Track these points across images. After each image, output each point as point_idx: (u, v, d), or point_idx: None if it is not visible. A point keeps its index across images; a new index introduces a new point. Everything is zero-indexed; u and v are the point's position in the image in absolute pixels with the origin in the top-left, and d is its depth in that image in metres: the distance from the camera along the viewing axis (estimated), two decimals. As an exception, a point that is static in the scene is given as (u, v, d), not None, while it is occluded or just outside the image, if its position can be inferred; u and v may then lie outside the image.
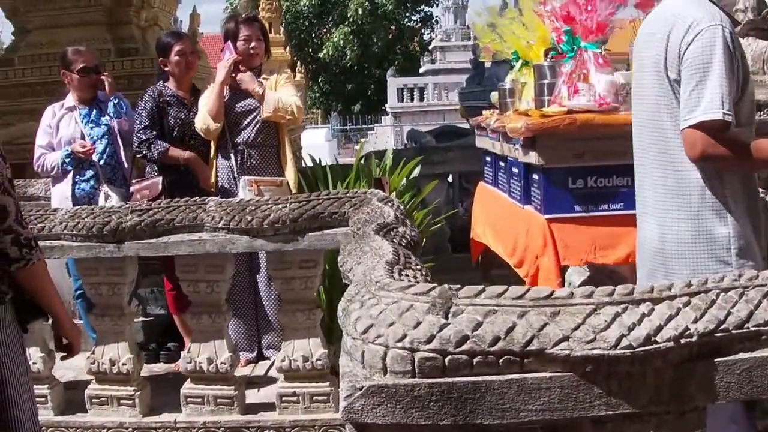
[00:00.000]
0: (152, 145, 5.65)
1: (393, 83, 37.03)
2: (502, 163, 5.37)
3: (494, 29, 5.82)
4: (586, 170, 4.43)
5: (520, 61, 5.60)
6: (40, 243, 4.04)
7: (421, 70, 41.79)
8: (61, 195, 5.88)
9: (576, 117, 4.30)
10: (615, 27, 4.76)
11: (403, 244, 2.82)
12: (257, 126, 5.60)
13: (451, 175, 9.24)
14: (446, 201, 9.05)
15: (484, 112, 5.99)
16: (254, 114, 5.61)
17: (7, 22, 11.10)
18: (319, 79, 47.33)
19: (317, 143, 24.26)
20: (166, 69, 5.95)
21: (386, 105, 37.54)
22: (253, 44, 5.71)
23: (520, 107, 5.28)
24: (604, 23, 4.56)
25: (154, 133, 5.69)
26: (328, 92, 48.39)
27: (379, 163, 6.46)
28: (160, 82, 6.02)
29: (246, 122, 5.63)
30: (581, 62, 4.53)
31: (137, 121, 5.76)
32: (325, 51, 44.48)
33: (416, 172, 6.46)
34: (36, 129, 6.56)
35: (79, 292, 5.68)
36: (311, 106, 45.22)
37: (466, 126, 18.69)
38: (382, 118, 38.16)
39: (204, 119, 5.53)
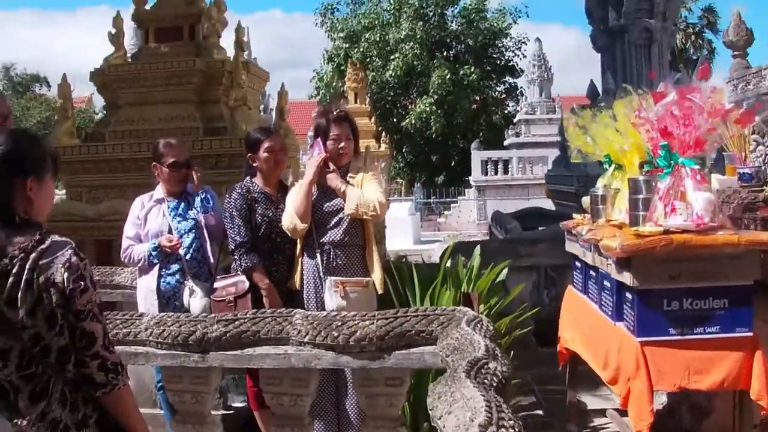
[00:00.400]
0: (244, 256, 5.65)
1: (477, 156, 37.03)
2: (593, 273, 5.27)
3: (586, 132, 5.75)
4: (681, 292, 4.32)
5: (613, 166, 5.52)
6: (125, 348, 4.07)
7: (505, 143, 41.69)
8: (146, 288, 5.92)
9: (672, 238, 4.20)
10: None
11: (494, 383, 2.75)
12: (344, 226, 5.56)
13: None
14: (532, 289, 8.96)
15: (575, 215, 5.89)
16: (341, 213, 5.57)
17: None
18: (404, 149, 47.56)
19: (401, 217, 24.35)
20: (255, 165, 5.97)
21: (470, 177, 37.50)
22: (342, 144, 5.69)
23: (612, 216, 5.19)
24: (703, 139, 4.47)
25: (249, 236, 5.71)
26: (412, 163, 48.55)
27: (466, 262, 6.38)
28: (248, 178, 6.03)
29: (333, 222, 5.59)
30: (678, 179, 4.43)
31: (228, 220, 5.78)
32: (408, 120, 44.76)
33: (504, 274, 6.38)
34: (125, 206, 6.63)
35: (160, 384, 5.67)
36: (395, 177, 45.37)
37: (552, 207, 18.62)
38: (466, 190, 38.11)
39: (291, 218, 5.52)
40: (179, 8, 10.87)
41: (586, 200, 5.76)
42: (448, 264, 6.21)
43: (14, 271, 2.71)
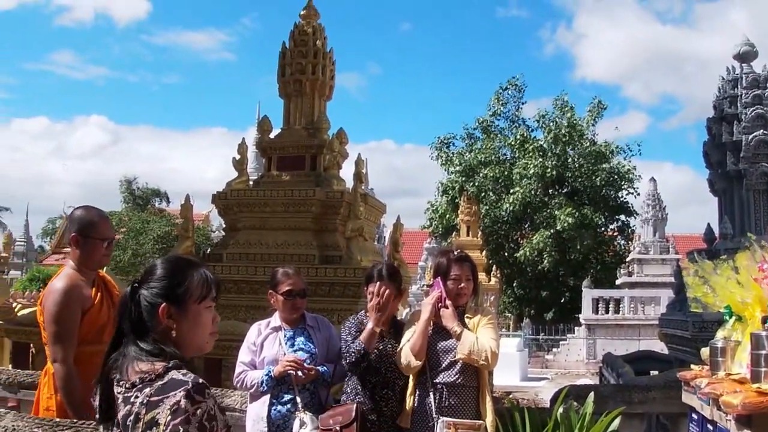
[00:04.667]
0: (350, 348, 5.71)
1: (588, 294, 36.56)
2: (710, 427, 5.11)
3: (706, 282, 5.66)
4: (804, 453, 4.17)
5: (733, 318, 5.41)
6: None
7: (617, 282, 41.08)
8: (256, 414, 5.92)
9: (796, 397, 4.09)
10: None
11: None
12: (458, 367, 5.56)
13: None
14: (642, 436, 8.71)
15: (693, 367, 5.76)
16: (455, 353, 5.58)
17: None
18: (514, 284, 47.33)
19: (509, 353, 24.09)
20: (368, 299, 6.01)
21: (580, 315, 36.99)
22: (462, 284, 5.73)
23: (732, 369, 5.06)
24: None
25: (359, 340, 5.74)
26: (522, 297, 48.24)
27: (578, 408, 6.27)
28: (362, 311, 6.09)
29: (447, 362, 5.59)
30: (800, 336, 4.33)
31: (343, 344, 5.82)
32: (522, 252, 44.62)
33: (616, 423, 6.24)
34: (237, 327, 6.71)
35: None
36: (503, 311, 45.06)
37: (664, 350, 18.20)
38: (575, 328, 37.54)
39: (406, 356, 5.55)
40: (302, 139, 11.22)
41: (705, 351, 5.63)
42: (560, 409, 6.10)
43: (131, 399, 2.75)
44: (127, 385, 2.79)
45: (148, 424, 2.66)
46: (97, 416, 2.91)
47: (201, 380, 2.75)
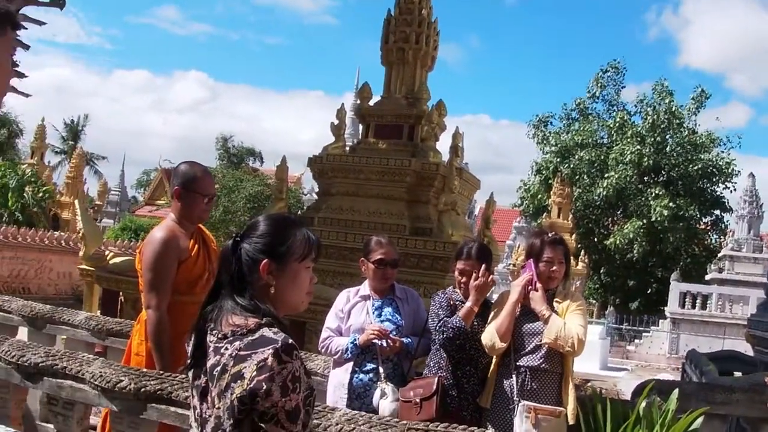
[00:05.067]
0: (447, 324, 5.67)
1: (676, 287, 35.87)
2: (799, 435, 5.01)
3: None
4: None
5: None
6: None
7: (706, 278, 40.23)
8: (338, 381, 5.94)
9: None
10: None
11: None
12: (543, 351, 5.49)
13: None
14: (722, 438, 8.56)
15: (783, 372, 5.63)
16: (540, 337, 5.51)
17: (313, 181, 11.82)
18: (601, 271, 46.78)
19: (590, 340, 23.73)
20: (455, 276, 5.98)
21: (665, 308, 36.39)
22: (554, 267, 5.65)
23: (826, 378, 4.94)
24: None
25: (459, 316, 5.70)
26: (608, 285, 47.68)
27: (661, 403, 6.16)
28: (451, 287, 6.06)
29: (532, 345, 5.53)
30: None
31: (433, 317, 5.82)
32: (612, 240, 44.05)
33: (698, 423, 6.12)
34: (323, 292, 6.71)
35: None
36: (588, 297, 44.58)
37: (749, 352, 17.81)
38: (660, 321, 36.94)
39: (491, 336, 5.49)
40: (402, 108, 11.19)
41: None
42: (643, 404, 6.00)
43: (221, 350, 2.77)
44: (219, 336, 2.82)
45: (234, 377, 2.68)
46: (189, 361, 2.94)
47: (291, 341, 2.76)
